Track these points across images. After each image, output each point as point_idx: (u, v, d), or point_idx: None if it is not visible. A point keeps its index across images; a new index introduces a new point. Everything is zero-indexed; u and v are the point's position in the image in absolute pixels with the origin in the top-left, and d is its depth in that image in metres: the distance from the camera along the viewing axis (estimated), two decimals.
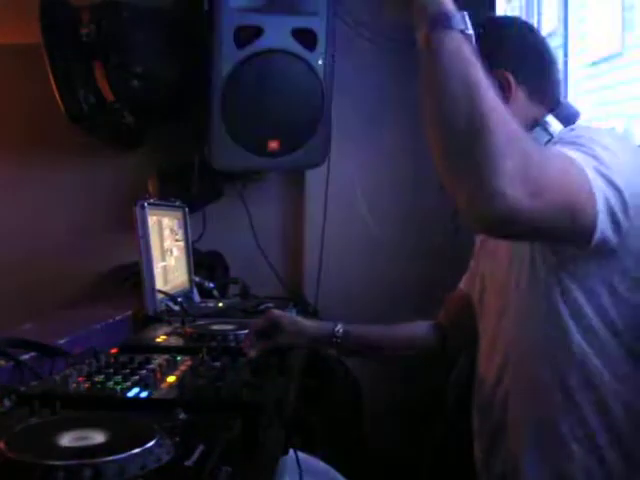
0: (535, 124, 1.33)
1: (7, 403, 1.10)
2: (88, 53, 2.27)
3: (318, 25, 2.32)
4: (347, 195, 2.75)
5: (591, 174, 1.07)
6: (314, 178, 2.73)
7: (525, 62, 1.38)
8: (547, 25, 2.08)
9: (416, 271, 2.61)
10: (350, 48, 2.63)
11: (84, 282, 2.74)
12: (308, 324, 1.66)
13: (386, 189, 2.76)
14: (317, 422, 2.08)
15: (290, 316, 1.72)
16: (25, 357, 1.38)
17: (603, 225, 1.09)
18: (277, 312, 1.67)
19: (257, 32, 2.27)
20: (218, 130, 2.32)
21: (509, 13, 2.32)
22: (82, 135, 2.49)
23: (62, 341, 1.52)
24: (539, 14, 2.16)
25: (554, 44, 1.98)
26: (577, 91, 1.88)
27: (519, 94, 1.35)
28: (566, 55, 1.92)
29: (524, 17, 2.25)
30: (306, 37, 2.32)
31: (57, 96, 2.31)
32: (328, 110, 2.42)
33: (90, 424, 0.93)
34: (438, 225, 2.45)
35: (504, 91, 1.32)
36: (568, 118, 1.35)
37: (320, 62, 2.35)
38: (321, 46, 2.33)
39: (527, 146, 0.99)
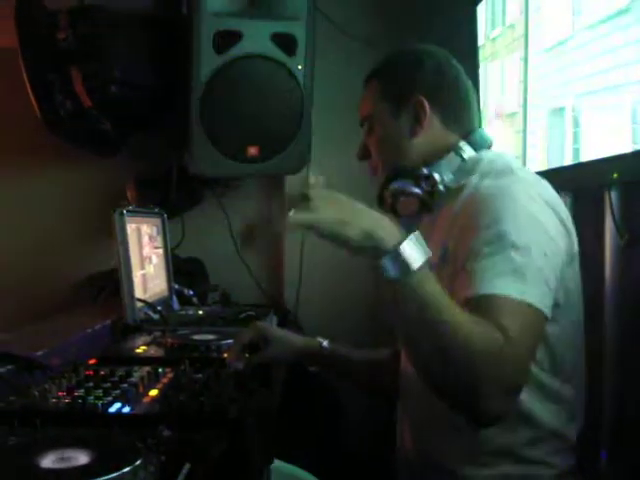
0: (449, 149, 1.40)
1: None
2: (65, 58, 2.22)
3: (298, 30, 2.30)
4: None
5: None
6: (294, 183, 2.71)
7: (440, 90, 1.43)
8: (510, 17, 2.17)
9: None
10: (331, 50, 2.62)
11: (60, 290, 2.70)
12: (295, 339, 1.63)
13: (367, 195, 2.74)
14: (298, 431, 2.07)
15: (277, 329, 1.71)
16: (1, 370, 1.35)
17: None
18: (263, 325, 1.66)
19: (236, 37, 2.25)
20: (197, 136, 2.29)
21: (481, 11, 2.37)
22: (59, 142, 2.45)
23: (39, 353, 1.49)
24: (504, 6, 2.24)
25: (516, 34, 2.07)
26: (535, 76, 1.96)
27: (434, 120, 1.41)
28: (527, 43, 1.99)
29: (490, 10, 2.34)
30: (286, 42, 2.30)
31: (33, 101, 2.27)
32: (308, 115, 2.40)
33: (72, 443, 0.91)
34: None
35: (419, 116, 1.41)
36: (481, 144, 1.42)
37: (300, 67, 2.33)
38: (301, 51, 2.32)
39: (495, 362, 1.03)
